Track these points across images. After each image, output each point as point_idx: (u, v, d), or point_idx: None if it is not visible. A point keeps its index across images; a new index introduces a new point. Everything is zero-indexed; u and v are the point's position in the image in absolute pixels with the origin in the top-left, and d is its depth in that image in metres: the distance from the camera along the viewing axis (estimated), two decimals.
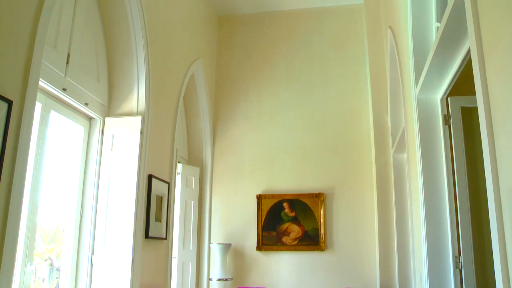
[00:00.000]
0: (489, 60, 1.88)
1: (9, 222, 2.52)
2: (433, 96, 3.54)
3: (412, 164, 4.02)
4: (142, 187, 4.12)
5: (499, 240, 1.85)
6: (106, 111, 4.25)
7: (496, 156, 1.83)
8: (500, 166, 1.81)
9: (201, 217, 6.31)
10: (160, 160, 4.67)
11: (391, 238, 5.71)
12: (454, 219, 3.27)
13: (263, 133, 6.68)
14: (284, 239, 6.25)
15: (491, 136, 1.86)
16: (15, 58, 2.53)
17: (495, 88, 1.83)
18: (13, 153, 2.52)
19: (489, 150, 1.86)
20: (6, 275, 2.50)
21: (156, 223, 4.43)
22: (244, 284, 6.21)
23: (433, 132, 3.52)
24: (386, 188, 5.85)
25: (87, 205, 3.99)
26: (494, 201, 1.85)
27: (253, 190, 6.51)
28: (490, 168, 1.86)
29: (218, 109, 6.91)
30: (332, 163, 6.37)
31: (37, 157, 3.29)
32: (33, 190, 3.22)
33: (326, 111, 6.56)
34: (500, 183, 1.82)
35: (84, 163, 4.05)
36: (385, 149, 5.94)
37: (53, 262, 4.00)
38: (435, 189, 3.44)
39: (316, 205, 6.25)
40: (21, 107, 2.57)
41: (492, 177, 1.85)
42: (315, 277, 6.10)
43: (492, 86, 1.85)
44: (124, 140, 4.09)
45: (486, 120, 1.87)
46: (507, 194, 1.76)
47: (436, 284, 3.34)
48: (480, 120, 1.93)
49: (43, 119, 3.38)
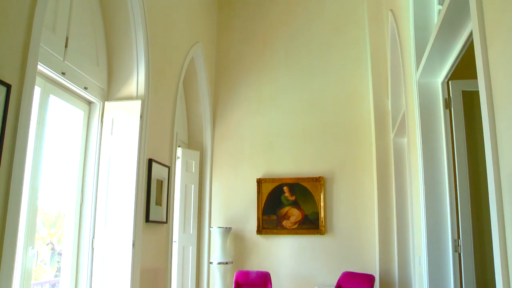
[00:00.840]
0: (491, 43, 1.86)
1: (10, 206, 2.52)
2: (434, 80, 3.52)
3: (412, 148, 4.02)
4: (142, 171, 4.12)
5: (498, 224, 1.86)
6: (105, 95, 4.23)
7: (497, 141, 1.83)
8: (501, 150, 1.80)
9: (201, 201, 6.33)
10: (160, 144, 4.66)
11: (390, 222, 5.74)
12: (454, 203, 3.28)
13: (263, 117, 6.66)
14: (284, 223, 6.27)
15: (492, 120, 1.85)
16: (13, 41, 2.51)
17: (497, 71, 1.81)
18: (13, 137, 2.52)
19: (490, 134, 1.85)
20: (8, 258, 2.52)
21: (157, 207, 4.44)
22: (244, 268, 6.25)
23: (434, 116, 3.51)
24: (386, 172, 5.85)
25: (88, 189, 4.00)
26: (494, 186, 1.85)
27: (253, 174, 6.51)
28: (491, 152, 1.85)
29: (218, 93, 6.89)
30: (332, 147, 6.37)
31: (37, 142, 3.29)
32: (33, 175, 3.22)
33: (326, 95, 6.54)
34: (501, 167, 1.82)
35: (84, 148, 4.05)
36: (385, 133, 5.93)
37: (54, 246, 4.02)
38: (435, 173, 3.44)
39: (316, 189, 6.26)
40: (20, 91, 2.55)
41: (493, 162, 1.85)
42: (314, 260, 6.14)
43: (494, 69, 1.84)
44: (124, 124, 4.08)
45: (488, 104, 1.86)
46: (507, 178, 1.76)
47: (435, 267, 3.35)
48: (482, 104, 1.92)
49: (42, 103, 3.36)
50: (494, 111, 1.84)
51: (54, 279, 3.94)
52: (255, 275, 5.77)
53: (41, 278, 3.91)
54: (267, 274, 5.78)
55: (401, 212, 5.56)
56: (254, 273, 5.80)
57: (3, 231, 2.48)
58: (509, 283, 1.86)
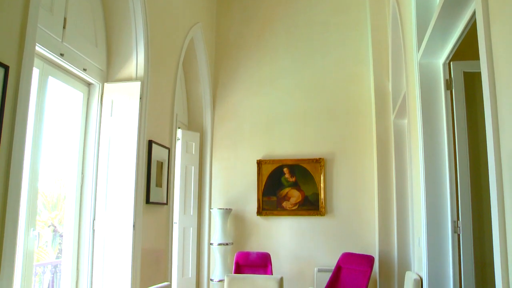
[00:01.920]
0: (494, 23, 1.84)
1: (10, 188, 2.53)
2: (435, 61, 3.49)
3: (412, 129, 4.01)
4: (142, 153, 4.12)
5: (498, 205, 1.86)
6: (104, 76, 4.21)
7: (498, 121, 1.82)
8: (502, 132, 1.80)
9: (202, 183, 6.34)
10: (160, 125, 4.65)
11: (390, 204, 5.76)
12: (454, 185, 3.28)
13: (263, 99, 6.63)
14: (284, 204, 6.30)
15: (494, 101, 1.83)
16: (10, 22, 2.48)
17: (499, 52, 1.80)
18: (12, 119, 2.51)
19: (491, 115, 1.84)
20: (10, 239, 2.53)
21: (157, 189, 4.45)
22: (245, 249, 6.30)
23: (435, 97, 3.49)
24: (386, 153, 5.85)
25: (88, 171, 4.00)
26: (494, 167, 1.85)
27: (253, 155, 6.51)
28: (492, 133, 1.85)
29: (218, 74, 6.85)
30: (332, 129, 6.36)
31: (36, 124, 3.28)
32: (33, 157, 3.22)
33: (327, 77, 6.50)
34: (502, 148, 1.81)
35: (83, 129, 4.04)
36: (385, 115, 5.92)
37: (56, 228, 4.05)
38: (435, 155, 3.44)
39: (316, 170, 6.27)
40: (18, 72, 2.54)
41: (494, 143, 1.84)
42: (314, 241, 6.17)
43: (497, 50, 1.82)
44: (123, 105, 4.07)
45: (489, 85, 1.84)
46: (507, 159, 1.76)
47: (435, 248, 3.37)
48: (483, 85, 1.90)
49: (41, 85, 3.34)
50: (495, 93, 1.83)
51: (56, 260, 3.97)
52: (255, 256, 5.82)
53: (43, 259, 3.94)
54: (267, 255, 5.82)
55: (401, 193, 5.57)
56: (254, 254, 5.84)
57: (4, 213, 2.49)
58: (507, 264, 1.87)
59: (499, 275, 1.93)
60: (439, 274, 3.34)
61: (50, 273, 3.88)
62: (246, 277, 4.13)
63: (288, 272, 6.07)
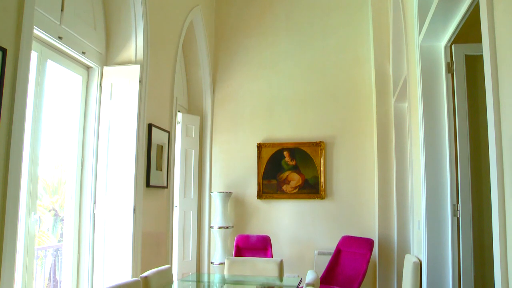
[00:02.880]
0: (498, 4, 1.82)
1: (11, 172, 2.53)
2: (436, 44, 3.47)
3: (413, 113, 4.00)
4: (142, 136, 4.11)
5: (498, 189, 1.86)
6: (104, 60, 4.18)
7: (499, 105, 1.81)
8: (504, 115, 1.79)
9: (202, 166, 6.35)
10: (160, 109, 4.64)
11: (390, 187, 5.77)
12: (454, 168, 3.28)
13: (263, 82, 6.61)
14: (284, 187, 6.31)
15: (496, 85, 1.82)
16: (7, 4, 2.46)
17: (502, 34, 1.78)
18: (11, 103, 2.50)
19: (493, 99, 1.83)
20: (11, 221, 2.54)
21: (157, 172, 4.46)
22: (245, 232, 6.33)
23: (436, 80, 3.47)
24: (386, 137, 5.85)
25: (88, 155, 4.00)
26: (495, 151, 1.84)
27: (254, 138, 6.51)
28: (493, 117, 1.84)
29: (218, 57, 6.81)
30: (332, 112, 6.35)
31: (36, 108, 3.26)
32: (33, 142, 3.21)
33: (327, 60, 6.47)
34: (503, 132, 1.80)
35: (83, 113, 4.03)
36: (386, 98, 5.90)
37: (57, 212, 4.06)
38: (435, 138, 3.43)
39: (316, 153, 6.27)
40: (16, 55, 2.52)
41: (495, 126, 1.84)
42: (314, 225, 6.20)
43: (500, 32, 1.80)
44: (123, 89, 4.05)
45: (491, 68, 1.83)
46: (509, 143, 1.75)
47: (434, 231, 3.39)
48: (485, 68, 1.89)
49: (40, 68, 3.32)
50: (498, 76, 1.81)
51: (57, 244, 3.99)
52: (255, 239, 5.85)
53: (44, 243, 3.96)
54: (267, 238, 5.85)
55: (401, 176, 5.59)
56: (255, 237, 5.88)
57: (4, 197, 2.49)
58: (506, 247, 1.88)
59: (498, 258, 1.94)
60: (438, 257, 3.36)
61: (51, 256, 3.90)
62: (246, 260, 4.16)
63: (288, 255, 6.11)
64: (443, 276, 3.34)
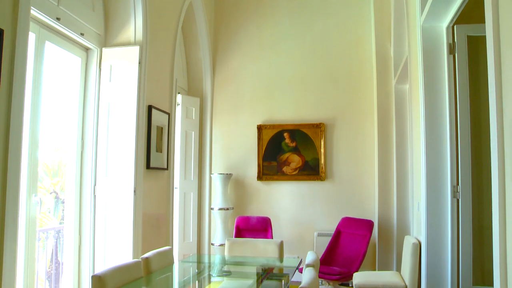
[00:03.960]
0: None
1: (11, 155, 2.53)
2: (438, 25, 3.43)
3: (414, 94, 3.98)
4: (142, 118, 4.10)
5: (498, 171, 1.86)
6: (102, 41, 4.15)
7: (502, 87, 1.80)
8: (506, 97, 1.77)
9: (202, 148, 6.35)
10: (160, 90, 4.62)
11: (390, 169, 5.78)
12: (454, 150, 3.28)
13: (263, 63, 6.57)
14: (285, 169, 6.32)
15: (498, 65, 1.81)
16: None
17: (506, 14, 1.76)
18: (9, 84, 2.48)
19: (495, 80, 1.81)
20: (12, 203, 2.55)
21: (157, 154, 4.46)
22: (245, 213, 6.36)
23: (437, 62, 3.45)
24: (387, 118, 5.84)
25: (88, 137, 3.99)
26: (496, 132, 1.83)
27: (254, 120, 6.50)
28: (495, 98, 1.83)
29: (218, 39, 6.76)
30: (333, 94, 6.32)
31: (34, 90, 3.24)
32: (33, 123, 3.20)
33: (328, 41, 6.42)
34: (504, 114, 1.79)
35: (82, 95, 4.01)
36: (387, 80, 5.87)
37: (58, 195, 4.07)
38: (436, 120, 3.42)
39: (317, 135, 6.27)
40: (14, 36, 2.50)
41: (496, 107, 1.83)
42: (314, 206, 6.23)
43: (503, 12, 1.78)
44: (122, 70, 4.03)
45: (494, 49, 1.81)
46: (510, 125, 1.74)
47: (434, 213, 3.40)
48: (488, 48, 1.87)
49: (38, 50, 3.29)
50: (500, 57, 1.80)
51: (59, 226, 4.01)
52: (255, 220, 5.88)
53: (46, 225, 3.98)
54: (268, 220, 5.88)
55: (401, 158, 5.59)
56: (255, 218, 5.90)
57: (5, 179, 2.50)
58: (505, 228, 1.89)
59: (497, 239, 1.95)
60: (437, 238, 3.38)
61: (53, 238, 3.92)
62: (246, 241, 4.18)
63: (288, 236, 6.15)
64: (442, 257, 3.36)
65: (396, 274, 4.38)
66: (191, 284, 3.44)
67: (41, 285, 3.83)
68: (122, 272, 2.73)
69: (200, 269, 3.87)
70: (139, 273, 2.92)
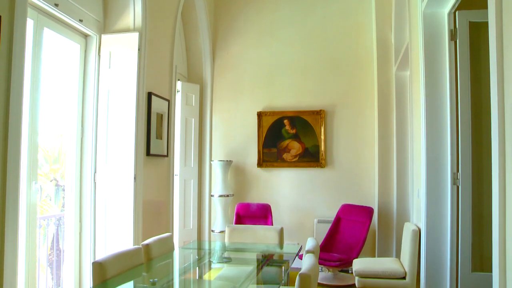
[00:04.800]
0: None
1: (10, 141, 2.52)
2: (440, 10, 3.41)
3: (415, 81, 3.96)
4: (142, 105, 4.09)
5: (499, 158, 1.85)
6: (101, 27, 4.12)
7: (503, 73, 1.78)
8: (507, 83, 1.76)
9: (202, 135, 6.34)
10: (159, 77, 4.60)
11: (390, 156, 5.78)
12: (455, 137, 3.28)
13: (263, 50, 6.53)
14: (285, 155, 6.32)
15: (500, 52, 1.79)
16: None
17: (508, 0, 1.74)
18: (8, 71, 2.47)
19: (497, 66, 1.80)
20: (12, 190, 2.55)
21: (157, 141, 4.45)
22: (245, 200, 6.37)
23: (438, 48, 3.43)
24: (387, 105, 5.83)
25: (87, 124, 3.98)
26: (497, 119, 1.83)
27: (254, 107, 6.48)
28: (496, 85, 1.82)
29: (217, 25, 6.72)
30: (333, 80, 6.30)
31: (34, 77, 3.22)
32: (32, 110, 3.19)
33: (328, 27, 6.38)
34: (506, 100, 1.78)
35: (82, 82, 3.99)
36: (387, 66, 5.84)
37: (58, 182, 4.07)
38: (437, 106, 3.41)
39: (317, 122, 6.26)
40: (11, 22, 2.47)
41: (497, 94, 1.82)
42: (314, 193, 6.24)
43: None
44: (121, 57, 4.00)
45: (497, 35, 1.79)
46: (511, 112, 1.73)
47: (434, 199, 3.41)
48: (490, 34, 1.85)
49: (36, 37, 3.27)
50: (502, 43, 1.78)
51: (60, 213, 4.02)
52: (255, 207, 5.89)
53: (47, 212, 3.99)
54: (268, 206, 5.89)
55: (401, 145, 5.59)
56: (255, 205, 5.92)
57: (5, 165, 2.50)
58: (505, 216, 1.89)
59: (496, 226, 1.95)
60: (437, 225, 3.39)
61: (54, 225, 3.94)
62: (246, 228, 4.20)
63: (288, 223, 6.17)
64: (442, 244, 3.38)
65: (395, 260, 4.40)
66: (191, 270, 3.46)
67: (43, 272, 3.85)
68: (123, 258, 2.74)
69: (200, 256, 3.89)
70: (139, 259, 2.94)
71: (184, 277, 3.19)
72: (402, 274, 4.01)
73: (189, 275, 3.32)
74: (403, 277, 4.02)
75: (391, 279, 4.05)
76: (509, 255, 1.90)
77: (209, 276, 3.35)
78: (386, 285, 4.08)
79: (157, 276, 2.98)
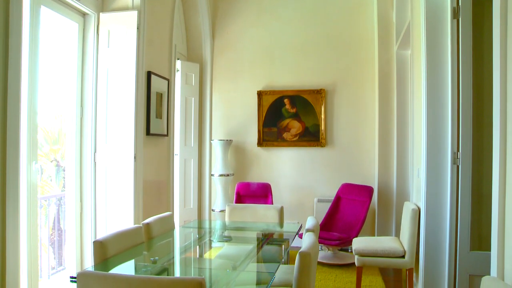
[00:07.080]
0: None
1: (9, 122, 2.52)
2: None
3: (416, 60, 3.93)
4: (141, 84, 4.06)
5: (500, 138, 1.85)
6: (100, 6, 4.07)
7: (506, 52, 1.76)
8: (510, 61, 1.75)
9: (202, 114, 6.32)
10: (159, 56, 4.56)
11: (391, 135, 5.77)
12: (456, 116, 3.26)
13: (263, 29, 6.47)
14: (285, 135, 6.32)
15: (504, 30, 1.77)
16: None
17: None
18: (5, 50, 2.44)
19: (500, 45, 1.78)
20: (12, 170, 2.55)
21: (157, 120, 4.44)
22: (245, 179, 6.39)
23: (440, 26, 3.39)
24: (388, 84, 5.80)
25: (87, 104, 3.97)
26: (499, 98, 1.82)
27: (254, 86, 6.45)
28: (499, 63, 1.80)
29: (217, 3, 6.64)
30: (334, 59, 6.25)
31: (31, 56, 3.19)
32: (31, 90, 3.16)
33: (329, 5, 6.30)
34: (508, 80, 1.77)
35: (80, 62, 3.96)
36: (388, 45, 5.80)
37: (59, 162, 4.07)
38: (438, 86, 3.39)
39: (317, 101, 6.23)
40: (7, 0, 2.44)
41: (500, 73, 1.80)
42: (314, 172, 6.25)
43: None
44: (120, 36, 3.97)
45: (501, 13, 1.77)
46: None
47: (434, 179, 3.41)
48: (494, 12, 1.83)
49: (33, 15, 3.22)
50: (507, 21, 1.76)
51: (60, 193, 4.04)
52: (256, 186, 5.91)
53: (48, 193, 4.00)
54: (268, 186, 5.91)
55: (402, 124, 5.58)
56: (255, 184, 5.93)
57: (4, 145, 2.49)
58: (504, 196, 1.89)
59: (496, 205, 1.96)
60: (436, 204, 3.40)
61: (55, 205, 3.95)
62: (247, 207, 4.21)
63: (288, 202, 6.20)
64: (441, 223, 3.39)
65: (395, 239, 4.43)
66: (192, 249, 3.48)
67: (45, 252, 3.88)
68: (123, 237, 2.76)
69: (201, 235, 3.91)
70: (140, 238, 2.95)
71: (184, 255, 3.22)
72: (402, 252, 4.04)
73: (189, 254, 3.34)
74: (402, 256, 4.05)
75: (390, 257, 4.08)
76: (508, 234, 1.91)
77: (210, 255, 3.37)
78: (386, 263, 4.11)
79: (158, 255, 3.00)
